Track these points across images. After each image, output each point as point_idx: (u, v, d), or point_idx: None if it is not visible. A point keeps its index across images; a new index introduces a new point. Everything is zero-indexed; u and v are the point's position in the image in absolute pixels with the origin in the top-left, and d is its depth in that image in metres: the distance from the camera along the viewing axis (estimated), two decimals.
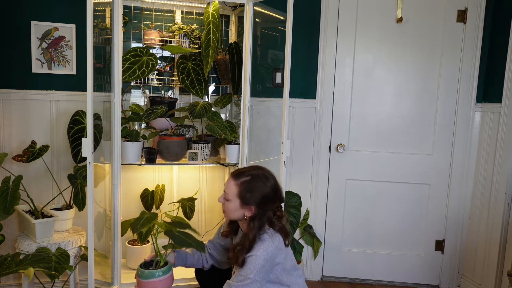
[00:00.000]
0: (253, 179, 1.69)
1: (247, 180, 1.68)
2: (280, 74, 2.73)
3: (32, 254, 2.07)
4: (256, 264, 1.60)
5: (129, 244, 2.57)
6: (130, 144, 2.28)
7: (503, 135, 2.55)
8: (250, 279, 1.59)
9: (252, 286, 1.60)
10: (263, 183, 1.68)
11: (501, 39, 2.57)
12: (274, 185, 1.72)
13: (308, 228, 2.88)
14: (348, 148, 2.85)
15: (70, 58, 2.46)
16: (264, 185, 1.68)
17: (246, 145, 2.44)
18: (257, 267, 1.60)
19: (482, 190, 2.72)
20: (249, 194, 1.66)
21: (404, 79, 2.78)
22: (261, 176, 1.71)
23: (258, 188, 1.67)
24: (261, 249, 1.62)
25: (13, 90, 2.40)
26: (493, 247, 2.60)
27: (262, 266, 1.61)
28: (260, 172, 1.72)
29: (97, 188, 2.48)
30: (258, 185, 1.68)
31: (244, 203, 1.68)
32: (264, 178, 1.70)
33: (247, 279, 1.59)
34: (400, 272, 2.93)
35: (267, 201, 1.68)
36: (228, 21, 2.72)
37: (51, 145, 2.47)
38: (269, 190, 1.69)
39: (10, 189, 2.09)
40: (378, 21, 2.74)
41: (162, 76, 2.57)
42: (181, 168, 2.74)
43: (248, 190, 1.67)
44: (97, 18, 2.40)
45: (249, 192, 1.67)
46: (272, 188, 1.71)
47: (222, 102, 2.59)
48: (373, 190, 2.88)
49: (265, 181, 1.69)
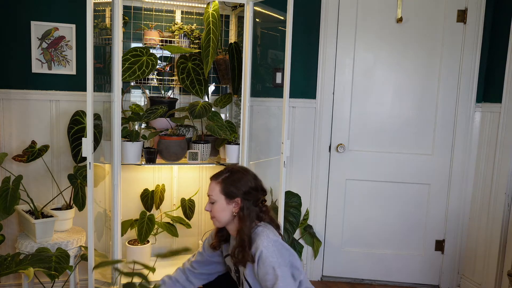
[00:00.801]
0: (233, 173, 1.71)
1: (227, 176, 1.70)
2: (280, 74, 2.73)
3: (32, 254, 2.07)
4: (271, 254, 1.57)
5: (129, 244, 2.57)
6: (130, 144, 2.28)
7: (503, 135, 2.55)
8: (278, 275, 1.54)
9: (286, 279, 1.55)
10: (243, 174, 1.70)
11: (501, 39, 2.57)
12: (254, 175, 1.73)
13: (308, 228, 2.88)
14: (348, 148, 2.85)
15: (70, 58, 2.46)
16: (245, 176, 1.70)
17: (246, 145, 2.44)
18: (275, 257, 1.57)
19: (482, 190, 2.72)
20: (232, 187, 1.67)
21: (404, 79, 2.78)
22: (240, 169, 1.74)
23: (239, 180, 1.68)
24: (263, 239, 1.60)
25: (13, 90, 2.40)
26: (493, 247, 2.60)
27: (278, 251, 1.58)
28: (237, 167, 1.77)
29: (97, 188, 2.48)
30: (239, 177, 1.69)
31: (229, 198, 1.68)
32: (243, 170, 1.74)
33: (276, 277, 1.54)
34: (400, 272, 2.93)
35: (251, 190, 1.68)
36: (228, 21, 2.72)
37: (51, 145, 2.47)
38: (251, 179, 1.70)
39: (10, 189, 2.09)
40: (378, 21, 2.74)
41: (162, 76, 2.57)
42: (181, 168, 2.74)
43: (230, 184, 1.68)
44: (97, 18, 2.39)
45: (231, 185, 1.68)
46: (253, 177, 1.72)
47: (222, 102, 2.59)
48: (373, 190, 2.88)
49: (244, 172, 1.72)
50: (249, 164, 2.51)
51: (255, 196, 1.69)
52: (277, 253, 1.58)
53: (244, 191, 1.67)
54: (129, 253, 2.55)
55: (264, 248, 1.58)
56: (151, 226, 2.44)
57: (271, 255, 1.57)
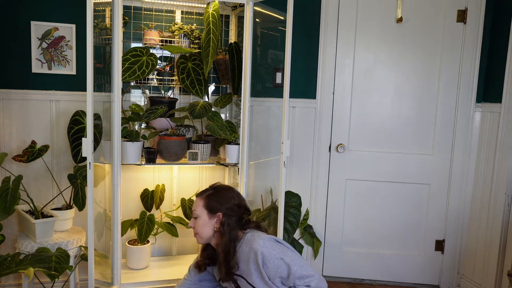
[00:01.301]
0: (216, 190, 1.74)
1: (211, 192, 1.74)
2: (280, 74, 2.73)
3: (32, 254, 2.07)
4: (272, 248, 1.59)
5: (129, 244, 2.57)
6: (130, 144, 2.28)
7: (503, 135, 2.55)
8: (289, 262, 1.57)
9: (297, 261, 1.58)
10: (227, 191, 1.74)
11: (501, 39, 2.57)
12: (238, 194, 1.76)
13: (308, 228, 2.88)
14: (348, 148, 2.85)
15: (70, 58, 2.46)
16: (229, 193, 1.73)
17: (246, 145, 2.44)
18: (276, 249, 1.59)
19: (482, 190, 2.72)
20: (215, 202, 1.70)
21: (404, 79, 2.78)
22: (224, 187, 1.77)
23: (223, 196, 1.72)
24: (257, 241, 1.61)
25: (13, 90, 2.40)
26: (493, 247, 2.60)
27: (276, 243, 1.61)
28: (222, 185, 1.79)
29: (97, 188, 2.48)
30: (222, 193, 1.73)
31: (211, 213, 1.70)
32: (228, 188, 1.77)
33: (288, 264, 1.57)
34: (400, 272, 2.93)
35: (234, 206, 1.70)
36: (228, 21, 2.72)
37: (51, 145, 2.47)
38: (235, 196, 1.73)
39: (10, 189, 2.09)
40: (378, 21, 2.74)
41: (162, 76, 2.57)
42: (181, 168, 2.74)
43: (213, 200, 1.71)
44: (97, 18, 2.39)
45: (214, 200, 1.71)
46: (238, 195, 1.75)
47: (222, 102, 2.59)
48: (373, 190, 2.88)
49: (229, 190, 1.75)
50: (249, 164, 2.51)
51: (237, 213, 1.70)
52: (276, 245, 1.61)
53: (227, 206, 1.69)
54: (129, 253, 2.55)
55: (262, 248, 1.59)
56: (151, 226, 2.44)
57: (272, 249, 1.60)
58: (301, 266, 1.59)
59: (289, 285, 1.61)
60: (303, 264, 1.60)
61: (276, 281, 1.61)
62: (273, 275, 1.59)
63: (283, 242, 1.66)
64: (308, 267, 1.62)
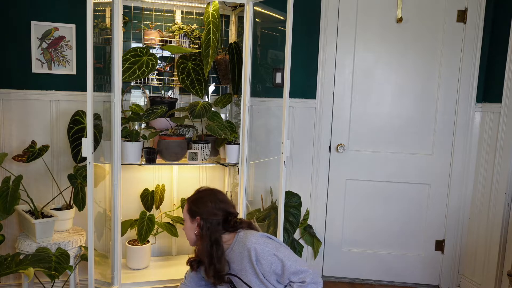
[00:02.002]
0: (198, 195, 1.78)
1: (194, 196, 1.78)
2: (280, 74, 2.73)
3: (32, 254, 2.07)
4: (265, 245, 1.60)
5: (129, 244, 2.57)
6: (130, 144, 2.28)
7: (503, 135, 2.55)
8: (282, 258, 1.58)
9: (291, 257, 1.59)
10: (208, 195, 1.76)
11: (501, 39, 2.57)
12: (222, 199, 1.76)
13: (308, 228, 2.88)
14: (348, 148, 2.85)
15: (70, 58, 2.46)
16: (209, 197, 1.75)
17: (246, 145, 2.44)
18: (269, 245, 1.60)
19: (482, 190, 2.72)
20: (194, 206, 1.74)
21: (404, 79, 2.78)
22: (206, 191, 1.79)
23: (201, 199, 1.75)
24: (250, 239, 1.63)
25: (13, 90, 2.40)
26: (493, 247, 2.60)
27: (269, 239, 1.62)
28: (207, 189, 1.81)
29: (97, 188, 2.48)
30: (202, 197, 1.76)
31: (192, 217, 1.74)
32: (209, 191, 1.78)
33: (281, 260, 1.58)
34: (400, 272, 2.93)
35: (211, 209, 1.71)
36: (228, 21, 2.72)
37: (51, 145, 2.47)
38: (215, 200, 1.74)
39: (10, 189, 2.09)
40: (378, 21, 2.74)
41: (162, 76, 2.57)
42: (181, 168, 2.74)
43: (194, 204, 1.75)
44: (97, 18, 2.39)
45: (194, 204, 1.75)
46: (218, 199, 1.75)
47: (222, 102, 2.59)
48: (373, 190, 2.88)
49: (210, 193, 1.77)
50: (249, 164, 2.51)
51: (216, 216, 1.71)
52: (268, 241, 1.63)
53: (204, 210, 1.71)
54: (129, 253, 2.55)
55: (255, 245, 1.61)
56: (151, 226, 2.44)
57: (265, 245, 1.61)
58: (295, 261, 1.60)
59: (284, 283, 1.61)
60: (296, 259, 1.61)
61: (271, 278, 1.61)
62: (267, 272, 1.60)
63: (275, 239, 1.68)
64: (302, 262, 1.63)
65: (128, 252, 2.55)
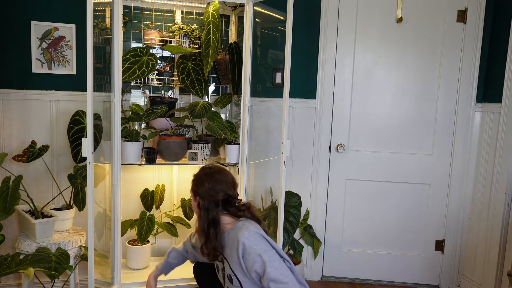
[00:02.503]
0: (200, 173, 1.80)
1: (196, 176, 1.81)
2: (280, 74, 2.73)
3: (32, 254, 2.07)
4: (254, 242, 1.61)
5: (129, 244, 2.57)
6: (130, 144, 2.28)
7: (503, 135, 2.55)
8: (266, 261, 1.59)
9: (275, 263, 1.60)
10: (207, 175, 1.77)
11: (501, 39, 2.57)
12: (220, 179, 1.76)
13: (308, 228, 2.88)
14: (348, 148, 2.85)
15: (70, 58, 2.46)
16: (208, 177, 1.76)
17: (246, 145, 2.44)
18: (258, 244, 1.61)
19: (482, 190, 2.72)
20: (194, 186, 1.79)
21: (404, 79, 2.78)
22: (206, 170, 1.80)
23: (200, 178, 1.77)
24: (243, 231, 1.65)
25: (13, 90, 2.40)
26: (493, 247, 2.60)
27: (260, 239, 1.63)
28: (209, 169, 1.81)
29: (97, 188, 2.48)
30: (202, 178, 1.77)
31: (194, 196, 1.79)
32: (210, 171, 1.79)
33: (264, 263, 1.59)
34: (400, 272, 2.93)
35: (208, 190, 1.73)
36: (228, 21, 2.72)
37: (51, 145, 2.47)
38: (212, 181, 1.74)
39: (10, 189, 2.09)
40: (378, 21, 2.74)
41: (162, 76, 2.57)
42: (181, 168, 2.74)
43: (194, 184, 1.79)
44: (97, 18, 2.40)
45: (194, 185, 1.79)
46: (218, 179, 1.76)
47: (222, 102, 2.59)
48: (373, 190, 2.88)
49: (210, 173, 1.77)
50: (249, 164, 2.51)
51: (214, 197, 1.73)
52: (260, 240, 1.63)
53: (202, 191, 1.74)
54: (129, 253, 2.55)
55: (245, 239, 1.62)
56: (151, 226, 2.44)
57: (254, 243, 1.62)
58: (277, 269, 1.59)
59: (264, 285, 1.61)
60: (279, 268, 1.60)
61: (252, 275, 1.63)
62: (249, 268, 1.62)
63: (269, 240, 1.68)
64: (286, 272, 1.61)
65: (128, 252, 2.55)
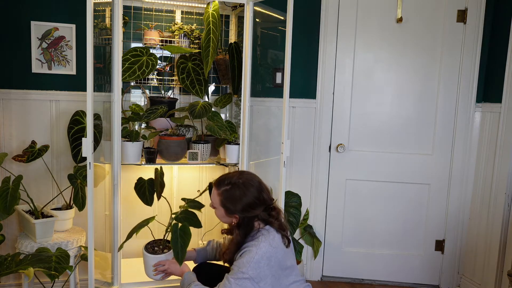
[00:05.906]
0: (232, 188, 1.69)
1: (227, 189, 1.69)
2: (280, 74, 2.73)
3: (32, 254, 2.07)
4: (249, 259, 1.60)
5: (147, 252, 2.52)
6: (130, 144, 2.28)
7: (503, 135, 2.55)
8: (243, 273, 1.59)
9: (245, 282, 1.58)
10: (242, 192, 1.67)
11: (501, 39, 2.57)
12: (256, 191, 1.70)
13: (308, 228, 2.88)
14: (348, 148, 2.85)
15: (70, 58, 2.46)
16: (244, 194, 1.67)
17: (246, 145, 2.44)
18: (251, 262, 1.60)
19: (482, 190, 2.72)
20: (230, 204, 1.68)
21: (404, 79, 2.78)
22: (240, 185, 1.69)
23: (237, 197, 1.67)
24: (255, 246, 1.63)
25: (13, 90, 2.40)
26: (493, 247, 2.60)
27: (257, 262, 1.60)
28: (240, 181, 1.70)
29: (97, 188, 2.48)
30: (237, 194, 1.67)
31: (228, 212, 1.71)
32: (243, 186, 1.69)
33: (240, 273, 1.60)
34: (400, 272, 2.93)
35: (249, 208, 1.68)
36: (228, 21, 2.72)
37: (51, 145, 2.47)
38: (250, 197, 1.68)
39: (10, 189, 2.09)
40: (378, 21, 2.74)
41: (162, 76, 2.57)
42: (181, 168, 2.74)
43: (228, 200, 1.68)
44: (97, 18, 2.39)
45: (229, 202, 1.68)
46: (253, 195, 1.68)
47: (222, 102, 2.59)
48: (373, 190, 2.88)
49: (245, 189, 1.68)
50: (249, 164, 2.51)
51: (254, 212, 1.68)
52: (262, 268, 1.60)
53: (241, 209, 1.67)
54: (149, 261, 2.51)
55: (251, 254, 1.61)
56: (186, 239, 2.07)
57: (254, 267, 1.59)
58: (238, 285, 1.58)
59: None
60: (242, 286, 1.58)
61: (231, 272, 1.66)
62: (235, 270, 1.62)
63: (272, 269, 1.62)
64: None
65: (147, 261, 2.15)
